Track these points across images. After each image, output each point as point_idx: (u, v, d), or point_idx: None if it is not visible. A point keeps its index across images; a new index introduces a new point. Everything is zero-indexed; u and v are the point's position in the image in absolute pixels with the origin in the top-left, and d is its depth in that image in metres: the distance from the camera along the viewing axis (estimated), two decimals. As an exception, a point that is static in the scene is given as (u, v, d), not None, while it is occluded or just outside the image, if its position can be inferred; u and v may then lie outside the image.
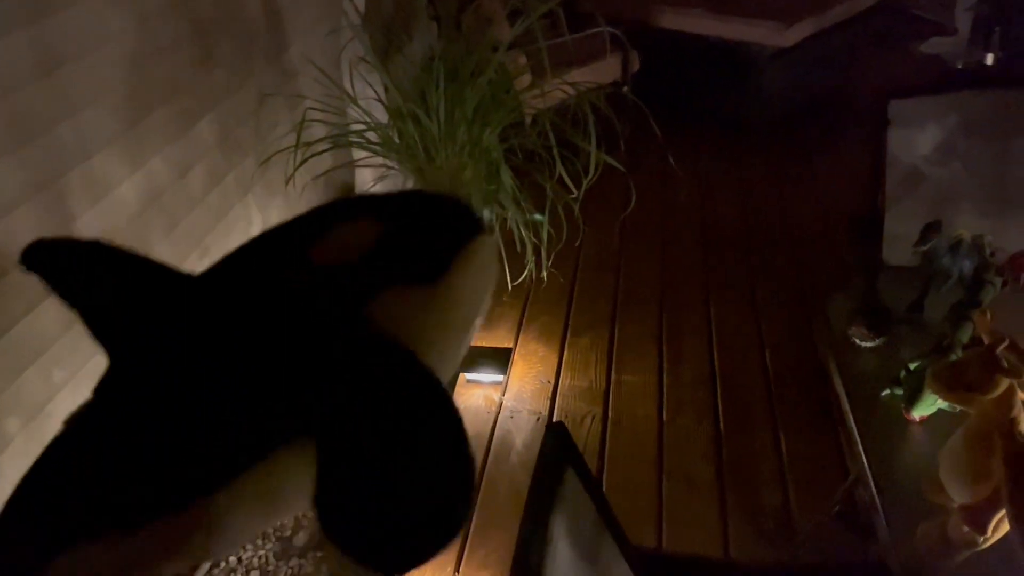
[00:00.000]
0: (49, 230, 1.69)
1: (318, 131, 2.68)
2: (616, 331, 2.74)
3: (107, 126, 1.88)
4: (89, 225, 1.80)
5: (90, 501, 0.42)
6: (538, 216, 2.50)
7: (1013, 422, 1.09)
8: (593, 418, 2.36)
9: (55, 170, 1.71)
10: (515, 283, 2.75)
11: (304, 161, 2.55)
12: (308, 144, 2.54)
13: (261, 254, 0.56)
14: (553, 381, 2.52)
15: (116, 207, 1.90)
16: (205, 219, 2.31)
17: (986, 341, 1.18)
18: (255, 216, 2.60)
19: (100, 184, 1.85)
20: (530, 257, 2.66)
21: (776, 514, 2.02)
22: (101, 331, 0.52)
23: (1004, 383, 1.08)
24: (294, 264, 0.52)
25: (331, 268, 0.50)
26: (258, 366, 0.46)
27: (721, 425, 2.32)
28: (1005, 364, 1.09)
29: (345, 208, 0.57)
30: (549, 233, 2.64)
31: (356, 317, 0.48)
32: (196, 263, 2.24)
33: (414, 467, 0.43)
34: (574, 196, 2.59)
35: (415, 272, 0.51)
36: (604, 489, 2.11)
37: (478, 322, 0.56)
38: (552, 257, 2.71)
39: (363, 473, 0.43)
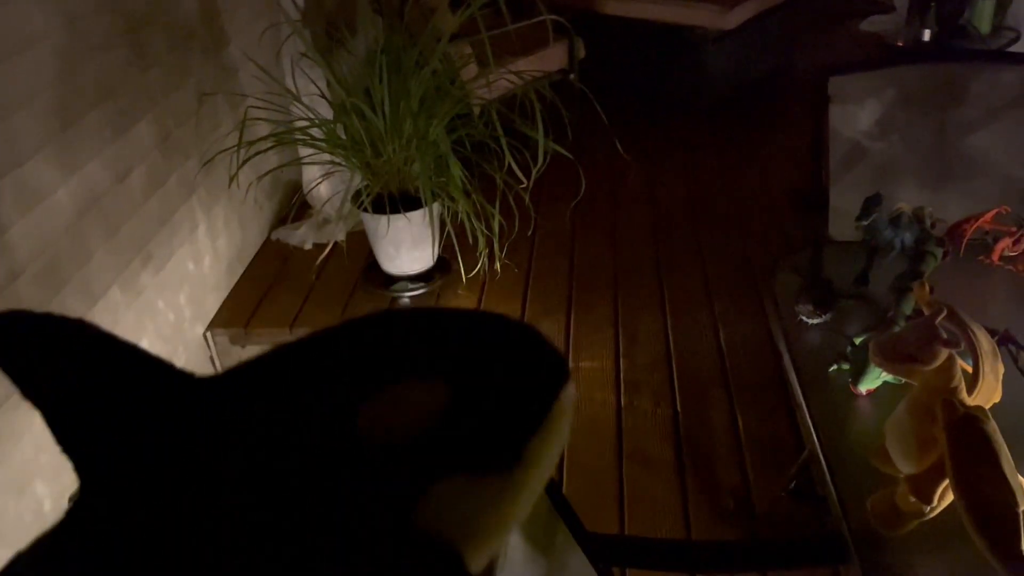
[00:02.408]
0: (-21, 241, 1.63)
1: (262, 129, 2.64)
2: (572, 318, 2.75)
3: (38, 130, 1.83)
4: (23, 234, 1.75)
5: None
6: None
7: (954, 391, 1.11)
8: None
9: (-18, 179, 1.66)
10: (469, 276, 2.74)
11: (247, 160, 2.50)
12: (251, 143, 2.50)
13: (296, 390, 0.43)
14: (510, 371, 2.51)
15: (51, 214, 1.85)
16: (148, 224, 2.26)
17: (925, 312, 1.19)
18: (200, 218, 2.55)
19: (33, 191, 1.80)
20: (483, 249, 2.66)
21: (735, 492, 2.04)
22: (70, 440, 0.41)
23: (944, 353, 1.10)
24: (336, 431, 0.42)
25: (382, 449, 0.41)
26: (275, 554, 0.37)
27: (678, 406, 2.34)
28: (944, 334, 1.11)
29: (405, 350, 0.45)
30: (501, 224, 2.63)
31: (404, 517, 0.39)
32: (139, 269, 2.19)
33: None
34: (524, 186, 2.59)
35: (484, 460, 0.41)
36: (565, 476, 2.11)
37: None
38: (505, 248, 2.71)
39: None
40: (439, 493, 0.39)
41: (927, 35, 3.74)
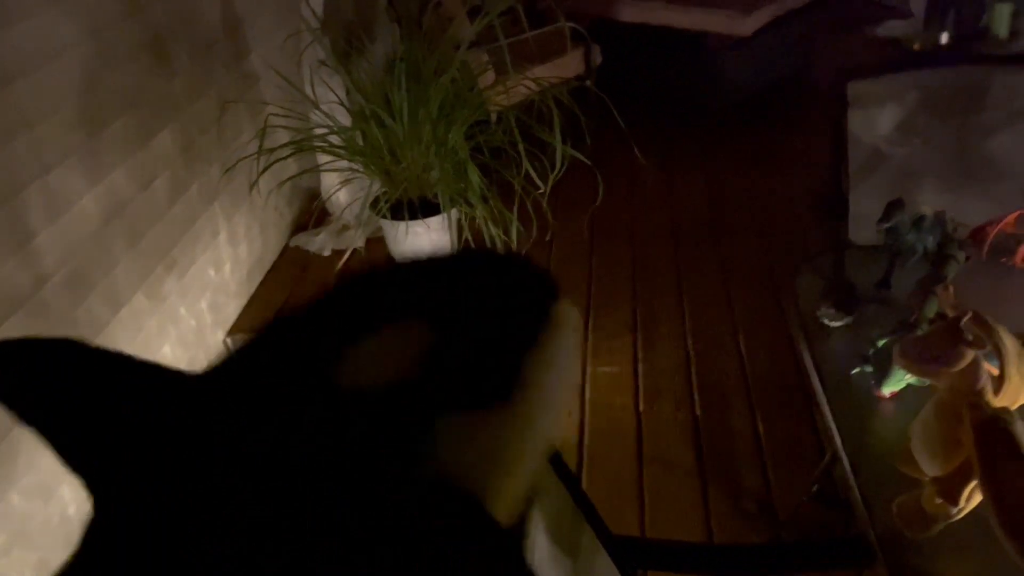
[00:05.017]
0: (7, 249, 1.66)
1: (282, 137, 2.66)
2: (590, 323, 2.75)
3: (64, 139, 1.86)
4: (50, 241, 1.77)
5: None
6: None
7: (980, 393, 1.10)
8: (571, 412, 2.37)
9: (11, 187, 1.68)
10: (487, 281, 2.75)
11: (268, 167, 2.53)
12: (271, 150, 2.53)
13: (273, 371, 0.43)
14: (530, 377, 2.52)
15: (77, 222, 1.88)
16: (170, 231, 2.28)
17: (949, 315, 1.19)
18: (221, 225, 2.58)
19: (59, 199, 1.83)
20: (501, 254, 2.66)
21: (757, 496, 2.04)
22: (75, 458, 0.41)
23: (969, 355, 1.10)
24: (318, 393, 0.40)
25: (367, 402, 0.39)
26: (276, 530, 0.36)
27: (698, 410, 2.33)
28: (969, 336, 1.10)
29: (380, 304, 0.44)
30: (519, 230, 2.64)
31: (406, 464, 0.37)
32: (162, 276, 2.21)
33: None
34: (542, 191, 2.60)
35: (479, 393, 0.39)
36: (586, 481, 2.12)
37: (560, 422, 0.42)
38: (523, 253, 2.71)
39: None
40: (440, 435, 0.37)
41: (945, 39, 3.73)
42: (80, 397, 0.41)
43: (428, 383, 0.39)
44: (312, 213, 2.99)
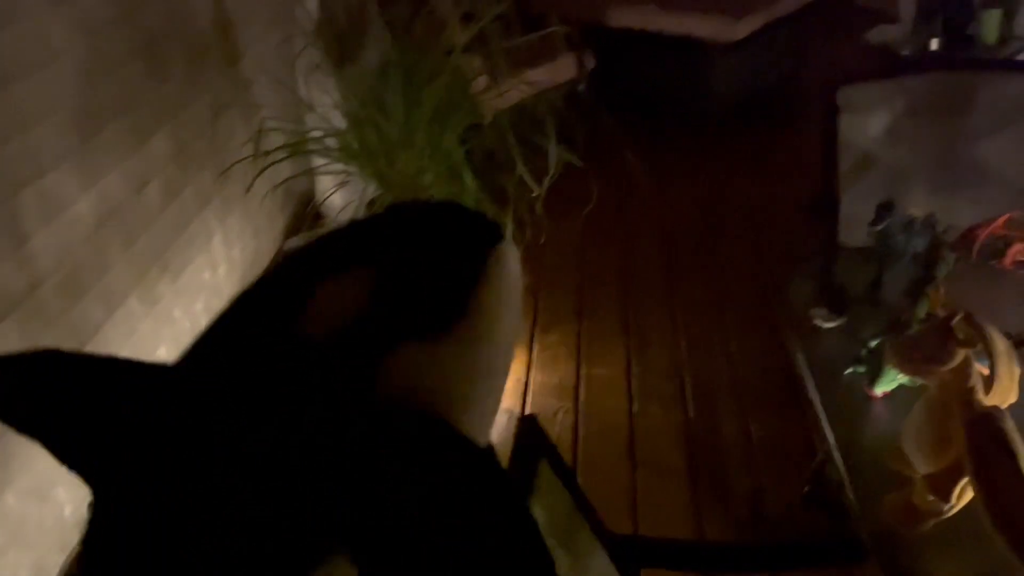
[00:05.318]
0: (2, 252, 1.66)
1: (276, 140, 2.66)
2: (583, 326, 2.76)
3: (59, 143, 1.86)
4: (44, 245, 1.78)
5: None
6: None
7: (971, 391, 1.12)
8: (564, 413, 2.38)
9: (6, 190, 1.68)
10: (481, 284, 2.76)
11: (263, 170, 2.53)
12: (266, 153, 2.53)
13: (240, 337, 0.45)
14: (524, 378, 2.53)
15: (71, 225, 1.88)
16: (164, 234, 2.28)
17: (940, 315, 1.21)
18: (215, 228, 2.58)
19: (54, 202, 1.83)
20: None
21: (748, 498, 2.05)
22: (73, 459, 0.42)
23: (960, 354, 1.11)
24: (280, 345, 0.42)
25: (324, 340, 0.41)
26: (266, 482, 0.38)
27: (690, 413, 2.34)
28: (960, 335, 1.12)
29: (323, 259, 0.46)
30: (512, 233, 2.64)
31: (367, 392, 0.39)
32: (156, 279, 2.21)
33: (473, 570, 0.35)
34: (535, 195, 2.60)
35: (427, 322, 0.41)
36: (577, 480, 2.12)
37: (513, 351, 0.45)
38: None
39: None
40: (396, 365, 0.40)
41: (934, 45, 3.75)
42: (70, 402, 0.42)
43: (376, 320, 0.41)
44: (306, 216, 2.99)
